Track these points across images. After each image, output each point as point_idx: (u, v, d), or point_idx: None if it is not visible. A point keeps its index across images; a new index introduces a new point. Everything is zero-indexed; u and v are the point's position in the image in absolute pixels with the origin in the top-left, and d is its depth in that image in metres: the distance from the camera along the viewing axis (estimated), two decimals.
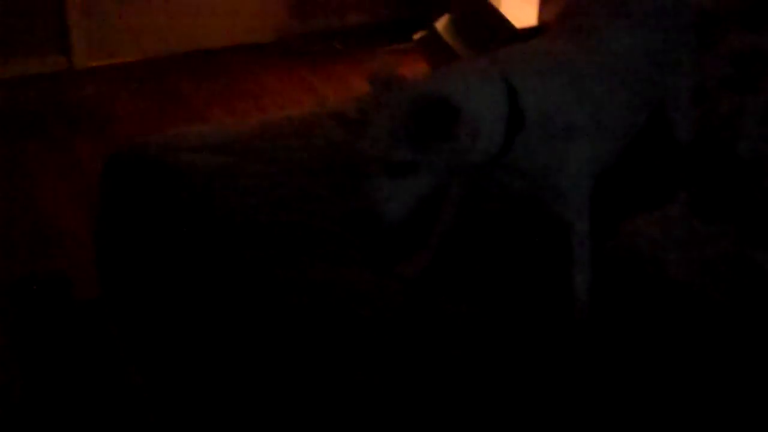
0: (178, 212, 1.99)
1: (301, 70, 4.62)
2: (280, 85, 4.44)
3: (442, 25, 3.98)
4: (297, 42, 4.89)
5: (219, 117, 4.02)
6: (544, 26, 3.54)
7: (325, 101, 4.06)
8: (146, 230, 2.05)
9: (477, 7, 3.90)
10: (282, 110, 4.04)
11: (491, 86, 1.47)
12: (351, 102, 2.53)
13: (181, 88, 4.30)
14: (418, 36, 4.21)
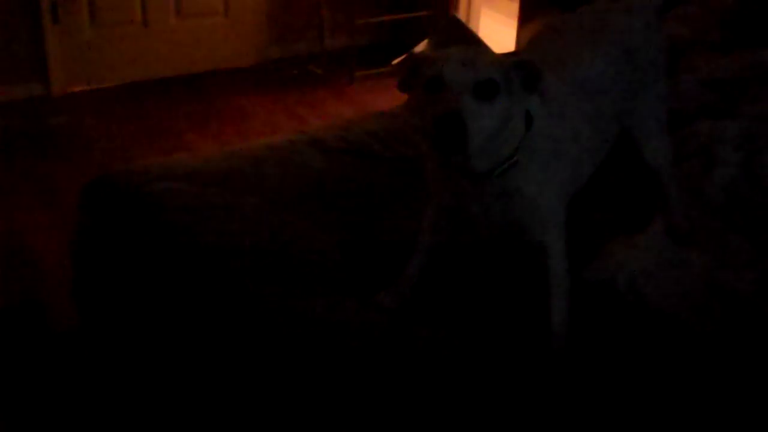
0: (154, 242, 1.98)
1: (280, 94, 4.63)
2: (260, 110, 4.43)
3: (421, 50, 4.00)
4: (276, 66, 4.90)
5: (198, 142, 4.00)
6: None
7: (305, 128, 4.06)
8: (123, 260, 2.03)
9: (456, 33, 3.93)
10: (262, 135, 4.03)
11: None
12: (331, 129, 2.54)
13: (160, 114, 4.28)
14: (397, 61, 4.23)
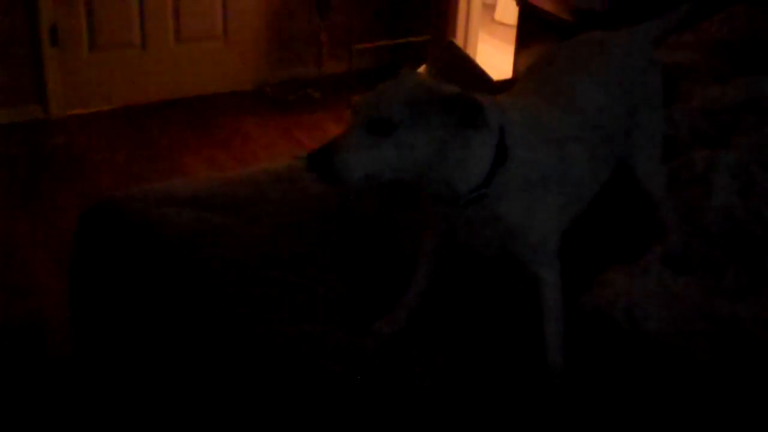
0: (153, 268, 1.98)
1: (278, 118, 4.63)
2: (258, 134, 4.44)
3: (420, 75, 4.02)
4: (274, 90, 4.91)
5: (195, 166, 4.01)
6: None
7: (304, 152, 4.07)
8: (122, 287, 2.03)
9: (454, 58, 3.94)
10: (260, 159, 4.04)
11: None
12: None
13: (158, 137, 4.29)
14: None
